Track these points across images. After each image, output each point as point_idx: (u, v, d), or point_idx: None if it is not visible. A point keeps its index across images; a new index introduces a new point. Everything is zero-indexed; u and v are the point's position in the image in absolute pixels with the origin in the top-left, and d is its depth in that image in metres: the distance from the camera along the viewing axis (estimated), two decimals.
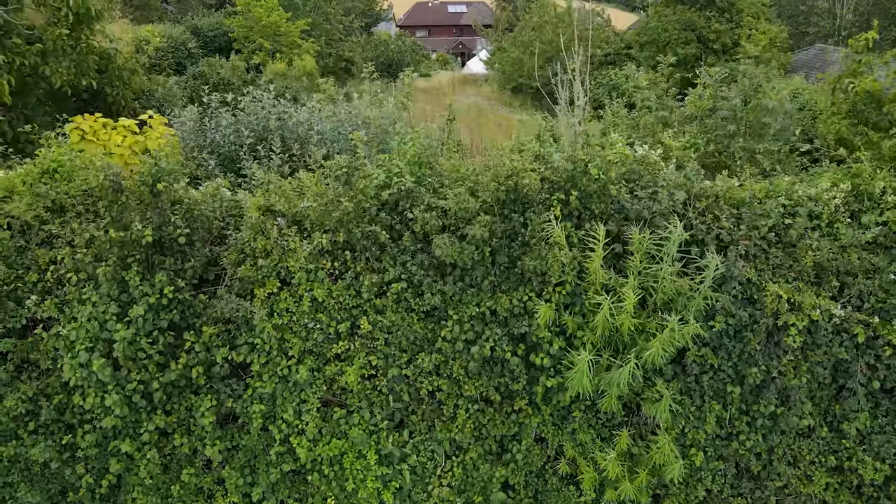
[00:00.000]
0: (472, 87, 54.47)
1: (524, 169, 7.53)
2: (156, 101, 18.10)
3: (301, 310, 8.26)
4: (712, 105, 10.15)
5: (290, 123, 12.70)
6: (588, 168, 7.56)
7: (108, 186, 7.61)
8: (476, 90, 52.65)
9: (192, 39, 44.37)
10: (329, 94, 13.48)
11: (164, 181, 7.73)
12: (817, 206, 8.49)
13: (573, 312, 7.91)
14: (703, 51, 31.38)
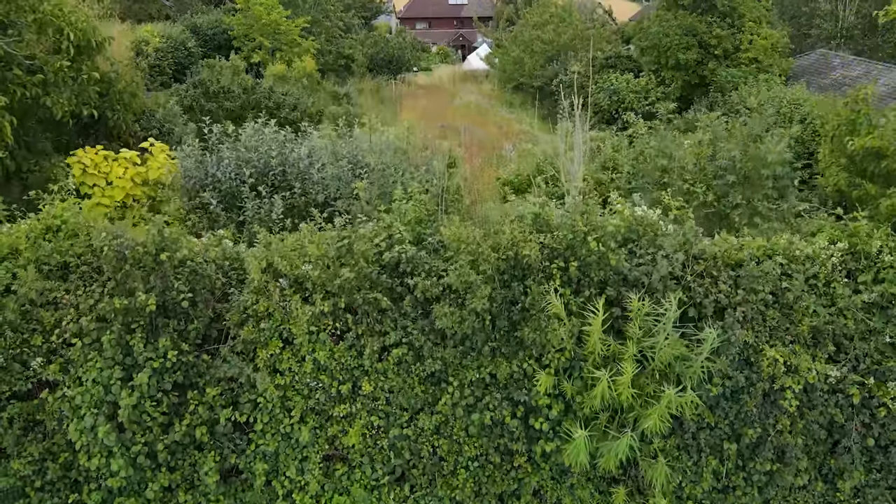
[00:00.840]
0: (473, 84, 54.34)
1: (524, 239, 7.61)
2: (156, 121, 18.12)
3: (303, 370, 8.37)
4: (711, 152, 10.21)
5: (291, 158, 12.75)
6: (587, 239, 7.64)
7: (111, 257, 7.69)
8: (476, 87, 52.54)
9: (191, 38, 44.22)
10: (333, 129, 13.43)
11: (168, 250, 7.81)
12: (814, 266, 8.58)
13: (572, 377, 8.02)
14: (705, 56, 31.33)
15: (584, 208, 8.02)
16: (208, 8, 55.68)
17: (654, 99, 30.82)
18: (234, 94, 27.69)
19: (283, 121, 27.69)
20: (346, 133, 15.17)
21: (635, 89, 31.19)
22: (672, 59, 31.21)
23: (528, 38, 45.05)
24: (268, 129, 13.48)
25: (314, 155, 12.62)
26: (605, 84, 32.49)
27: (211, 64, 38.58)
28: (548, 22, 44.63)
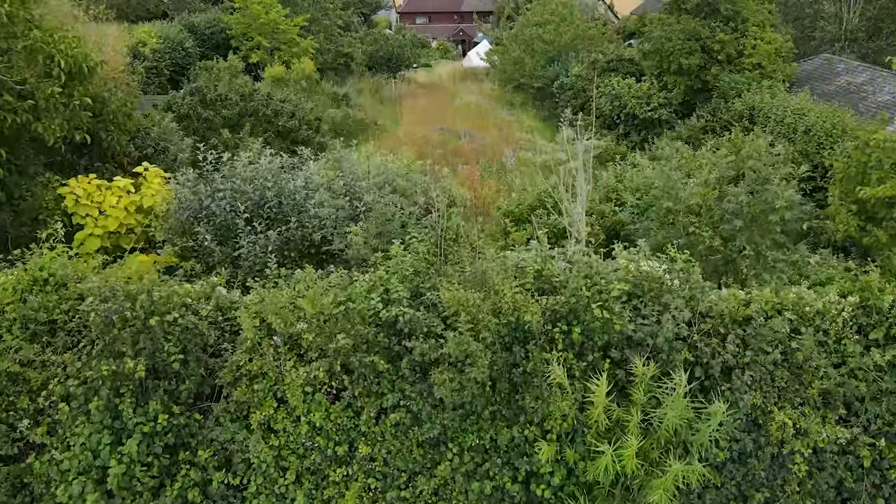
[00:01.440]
0: (473, 83, 53.88)
1: (525, 303, 7.35)
2: (151, 140, 17.78)
3: (299, 431, 8.13)
4: (718, 193, 9.93)
5: (287, 190, 12.46)
6: (591, 306, 7.38)
7: (99, 322, 7.43)
8: (477, 87, 52.10)
9: (189, 38, 43.80)
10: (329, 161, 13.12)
11: (157, 313, 7.55)
12: (825, 321, 8.32)
13: (575, 442, 7.78)
14: (707, 61, 30.93)
15: (587, 270, 7.74)
16: (206, 5, 55.18)
17: (655, 105, 30.46)
18: (232, 102, 27.33)
19: (280, 129, 27.38)
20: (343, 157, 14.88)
21: (637, 94, 30.81)
22: (674, 64, 30.83)
23: (528, 37, 44.59)
24: (264, 158, 13.15)
25: (311, 186, 12.32)
26: (607, 89, 32.12)
27: (208, 66, 38.22)
28: (549, 21, 44.18)
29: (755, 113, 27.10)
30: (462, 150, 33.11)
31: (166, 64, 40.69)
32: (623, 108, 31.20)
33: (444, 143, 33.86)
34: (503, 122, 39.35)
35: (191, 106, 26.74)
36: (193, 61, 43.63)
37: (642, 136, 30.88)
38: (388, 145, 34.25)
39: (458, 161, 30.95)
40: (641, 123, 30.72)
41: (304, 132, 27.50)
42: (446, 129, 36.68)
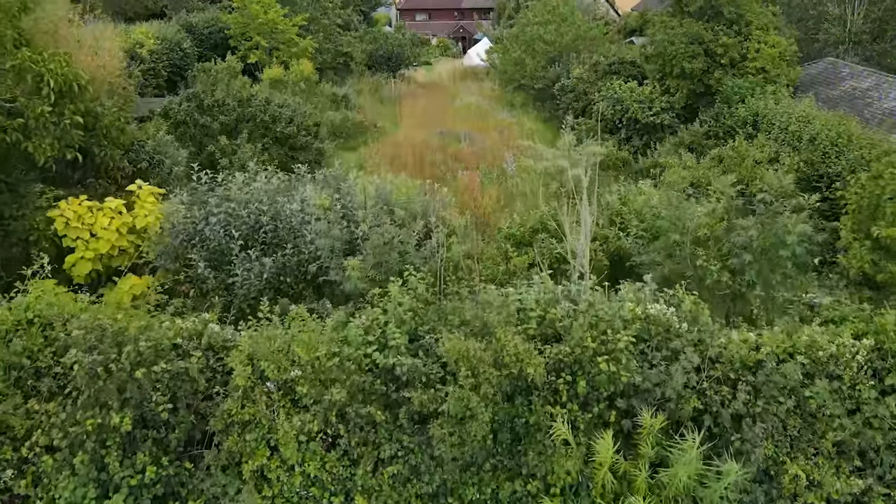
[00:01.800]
0: (473, 83, 53.40)
1: (528, 354, 7.03)
2: (146, 154, 17.41)
3: (293, 481, 7.82)
4: (727, 225, 9.60)
5: (283, 213, 12.12)
6: (598, 359, 7.06)
7: (83, 374, 7.12)
8: (477, 86, 51.62)
9: (186, 39, 43.31)
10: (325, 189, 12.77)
11: (144, 365, 7.23)
12: (838, 366, 8.01)
13: (579, 496, 7.47)
14: (711, 64, 30.50)
15: (592, 318, 7.42)
16: (204, 4, 54.66)
17: (658, 109, 30.04)
18: (229, 108, 26.93)
19: (279, 135, 27.00)
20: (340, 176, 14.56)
21: (639, 99, 30.37)
22: (677, 68, 30.39)
23: (529, 37, 44.12)
24: (259, 180, 12.81)
25: (307, 209, 11.99)
26: (608, 92, 31.69)
27: (206, 68, 37.80)
28: (549, 21, 43.70)
29: (759, 119, 26.72)
30: (462, 153, 32.73)
31: (164, 65, 40.28)
32: (625, 113, 30.77)
33: (443, 147, 33.46)
34: (504, 123, 38.93)
35: (188, 112, 26.35)
36: (191, 62, 43.20)
37: (644, 141, 30.48)
38: (388, 150, 33.96)
39: (458, 166, 30.62)
40: (643, 128, 30.30)
41: (302, 138, 27.12)
42: (446, 132, 36.27)
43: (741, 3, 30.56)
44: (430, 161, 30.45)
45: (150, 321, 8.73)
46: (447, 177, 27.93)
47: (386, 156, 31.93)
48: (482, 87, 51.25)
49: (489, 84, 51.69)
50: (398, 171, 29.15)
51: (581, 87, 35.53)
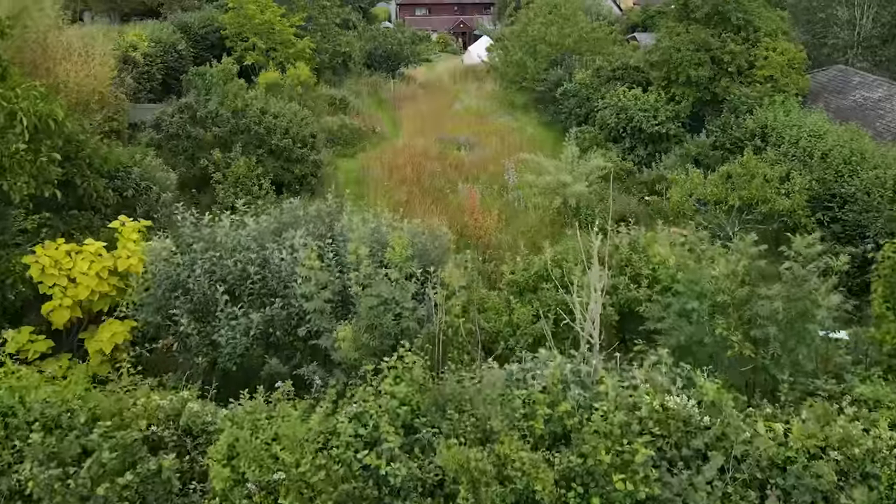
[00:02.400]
0: (473, 82, 52.43)
1: (535, 467, 6.29)
2: (132, 180, 16.62)
3: None
4: (749, 291, 8.85)
5: (272, 262, 11.36)
6: (614, 476, 6.32)
7: (39, 491, 6.37)
8: (477, 86, 50.67)
9: (182, 40, 42.33)
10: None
11: (107, 479, 6.49)
12: (875, 464, 7.28)
13: None
14: (718, 72, 29.65)
15: (605, 426, 6.67)
16: (200, 2, 53.64)
17: (663, 118, 29.17)
18: (223, 119, 26.11)
19: (273, 148, 26.18)
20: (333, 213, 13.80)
21: (644, 107, 29.50)
22: (683, 76, 29.54)
23: (530, 37, 43.18)
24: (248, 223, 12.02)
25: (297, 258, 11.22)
26: (612, 100, 30.82)
27: (201, 72, 36.89)
28: (552, 21, 42.76)
29: (767, 131, 25.89)
30: (462, 162, 31.91)
31: (158, 68, 39.33)
32: (629, 122, 29.92)
33: (443, 155, 32.64)
34: (504, 128, 38.05)
35: (180, 125, 25.53)
36: (187, 64, 42.27)
37: (649, 151, 29.66)
38: (388, 157, 33.13)
39: (457, 176, 29.81)
40: (648, 137, 29.48)
41: (298, 150, 26.30)
42: (446, 138, 35.43)
43: (749, 8, 29.67)
44: (429, 172, 29.65)
45: (122, 401, 8.04)
46: (447, 191, 27.17)
47: (385, 165, 31.14)
48: (483, 87, 50.31)
49: (490, 85, 50.73)
50: (398, 184, 28.43)
51: (584, 93, 34.65)
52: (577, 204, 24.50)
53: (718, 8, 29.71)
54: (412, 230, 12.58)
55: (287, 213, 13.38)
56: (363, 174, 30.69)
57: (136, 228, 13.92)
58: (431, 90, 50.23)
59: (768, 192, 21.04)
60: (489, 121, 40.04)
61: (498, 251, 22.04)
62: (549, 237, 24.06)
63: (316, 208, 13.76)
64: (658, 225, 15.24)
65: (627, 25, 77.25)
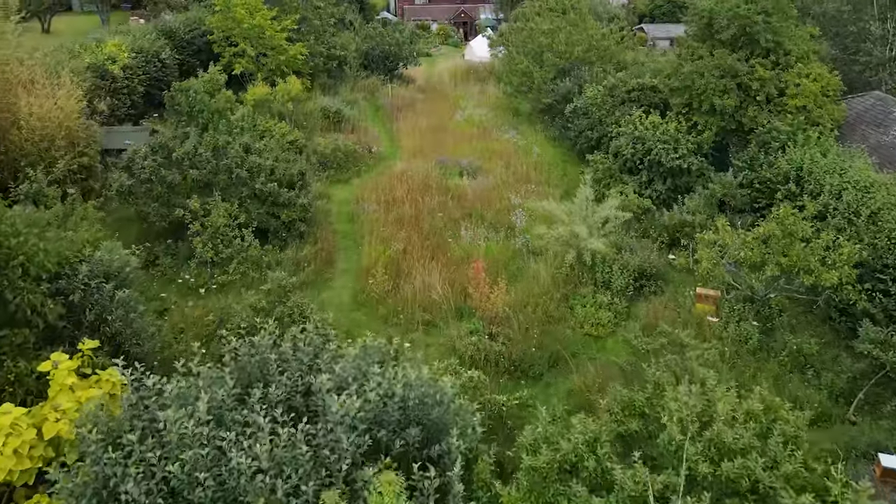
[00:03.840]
0: (475, 84, 49.30)
1: None
2: (79, 282, 13.85)
3: None
4: None
5: (228, 468, 8.71)
6: None
7: None
8: (479, 89, 47.57)
9: (166, 47, 39.12)
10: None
11: None
12: None
13: None
14: (744, 99, 26.72)
15: None
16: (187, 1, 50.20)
17: (684, 151, 26.26)
18: (202, 160, 23.26)
19: (258, 193, 23.33)
20: (319, 349, 11.18)
21: (663, 138, 26.58)
22: (706, 104, 26.63)
23: (536, 47, 40.10)
24: (200, 407, 9.31)
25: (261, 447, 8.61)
26: (628, 128, 27.90)
27: (184, 87, 33.84)
28: (559, 28, 39.64)
29: (803, 174, 23.13)
30: (464, 193, 29.11)
31: (140, 80, 36.30)
32: (647, 154, 27.07)
33: (444, 184, 29.85)
34: (509, 146, 35.14)
35: (153, 168, 22.66)
36: (171, 73, 39.25)
37: (668, 186, 26.84)
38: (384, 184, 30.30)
39: (459, 211, 27.03)
40: (668, 171, 26.66)
41: (284, 194, 23.50)
42: (447, 161, 32.57)
43: (780, 29, 26.70)
44: (429, 209, 26.84)
45: None
46: (448, 237, 24.38)
47: (381, 196, 28.32)
48: (485, 91, 47.24)
49: (492, 88, 47.64)
50: (395, 225, 25.66)
51: (596, 114, 31.71)
52: (592, 259, 21.80)
53: (746, 29, 26.71)
54: (413, 382, 9.93)
55: (258, 356, 10.74)
56: (357, 209, 27.88)
57: (73, 367, 11.29)
58: (431, 94, 47.17)
59: (811, 262, 18.36)
60: (493, 136, 37.15)
61: (506, 324, 19.46)
62: (561, 300, 21.56)
63: (292, 345, 11.11)
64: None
65: (635, 15, 73.87)
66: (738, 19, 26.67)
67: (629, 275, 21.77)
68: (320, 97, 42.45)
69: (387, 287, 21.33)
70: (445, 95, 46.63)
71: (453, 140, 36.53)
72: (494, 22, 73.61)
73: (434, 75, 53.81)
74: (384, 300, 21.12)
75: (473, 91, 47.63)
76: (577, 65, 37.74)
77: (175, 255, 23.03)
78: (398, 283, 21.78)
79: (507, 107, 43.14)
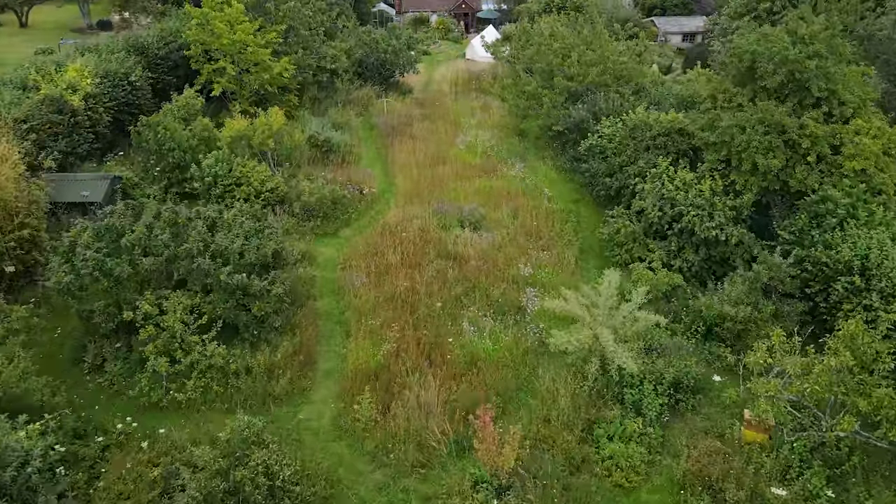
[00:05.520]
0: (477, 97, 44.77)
1: None
2: None
3: None
4: None
5: None
6: None
7: None
8: (481, 104, 43.13)
9: (137, 66, 34.53)
10: None
11: None
12: None
13: None
14: (791, 157, 22.57)
15: None
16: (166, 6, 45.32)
17: (722, 220, 22.13)
18: (157, 244, 19.25)
19: (224, 287, 19.29)
20: None
21: (697, 202, 22.47)
22: (748, 164, 22.54)
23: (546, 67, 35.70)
24: None
25: None
26: (653, 183, 23.76)
27: (153, 123, 29.62)
28: (572, 47, 35.18)
29: (870, 266, 19.18)
30: (465, 255, 25.11)
31: (107, 108, 32.00)
32: (676, 218, 23.04)
33: (442, 243, 25.87)
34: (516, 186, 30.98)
35: (97, 261, 18.57)
36: (143, 95, 34.89)
37: (702, 256, 22.85)
38: (374, 242, 26.28)
39: (461, 284, 23.03)
40: (702, 241, 22.66)
41: (255, 284, 19.50)
42: (446, 208, 28.53)
43: (834, 76, 22.45)
44: (425, 281, 22.89)
45: None
46: (449, 339, 20.44)
47: (371, 261, 24.33)
48: (488, 106, 42.85)
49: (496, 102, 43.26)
50: (387, 311, 21.69)
51: (615, 160, 27.55)
52: (619, 372, 17.96)
53: (795, 75, 22.49)
54: None
55: None
56: (344, 278, 23.86)
57: None
58: (430, 108, 42.78)
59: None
60: (497, 171, 32.94)
61: (517, 475, 15.71)
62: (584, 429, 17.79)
63: None
64: None
65: (645, 7, 68.94)
66: (787, 64, 22.42)
67: (664, 391, 17.96)
68: (307, 117, 38.14)
69: (374, 414, 17.50)
70: (445, 110, 42.28)
71: (454, 174, 32.37)
72: (497, 14, 68.76)
73: (433, 82, 49.37)
74: (371, 430, 17.32)
75: (475, 105, 43.29)
76: (591, 88, 33.39)
77: (127, 360, 19.14)
78: (388, 402, 17.96)
79: (512, 126, 38.82)
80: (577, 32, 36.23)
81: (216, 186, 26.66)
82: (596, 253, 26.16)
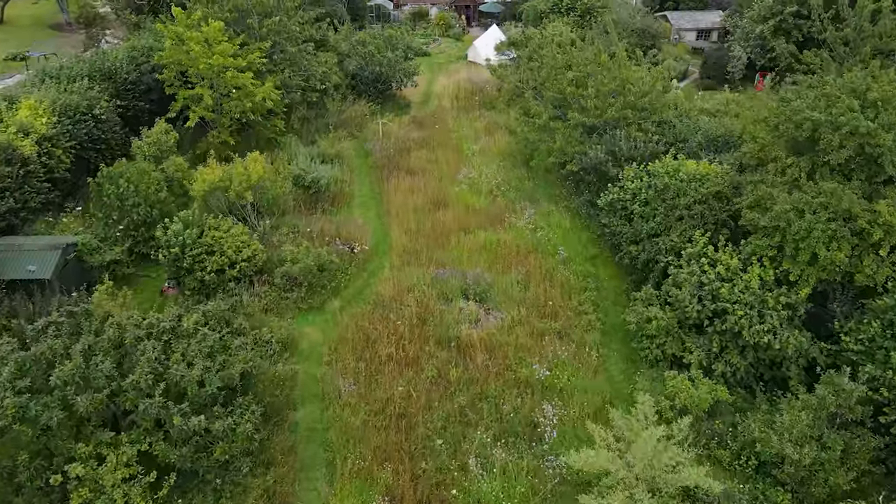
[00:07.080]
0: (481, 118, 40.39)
1: None
2: None
3: None
4: None
5: None
6: None
7: None
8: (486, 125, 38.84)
9: (102, 96, 30.21)
10: None
11: None
12: None
13: None
14: (857, 245, 18.63)
15: None
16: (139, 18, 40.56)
17: (775, 322, 18.24)
18: (98, 377, 15.34)
19: (178, 432, 15.52)
20: None
21: (744, 299, 18.58)
22: (806, 254, 18.64)
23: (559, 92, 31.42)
24: None
25: None
26: (690, 268, 19.78)
27: (113, 175, 25.53)
28: (587, 76, 30.82)
29: None
30: (470, 344, 21.30)
31: (66, 149, 27.86)
32: (718, 315, 19.14)
33: (442, 315, 22.16)
34: (527, 242, 27.06)
35: (18, 410, 14.65)
36: (110, 128, 30.65)
37: (749, 361, 19.02)
38: (363, 325, 22.40)
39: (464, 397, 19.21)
40: (750, 346, 18.84)
41: (217, 425, 15.68)
42: (447, 274, 24.64)
43: None
44: (423, 389, 19.17)
45: None
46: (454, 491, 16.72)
47: (360, 361, 20.49)
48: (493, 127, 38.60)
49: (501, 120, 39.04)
50: (377, 436, 17.92)
51: (643, 226, 23.50)
52: None
53: (865, 149, 18.43)
54: None
55: None
56: (328, 379, 20.04)
57: None
58: (429, 131, 38.56)
59: None
60: (505, 220, 28.93)
61: None
62: None
63: None
64: None
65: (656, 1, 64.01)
66: (857, 137, 18.33)
67: None
68: (295, 145, 34.02)
69: None
70: (446, 134, 38.06)
71: (455, 222, 28.40)
72: (501, 8, 63.88)
73: (433, 96, 44.94)
74: None
75: (479, 127, 39.03)
76: (610, 125, 29.22)
77: None
78: None
79: (520, 155, 34.63)
80: (591, 43, 31.72)
81: (183, 258, 22.66)
82: (620, 339, 22.29)
